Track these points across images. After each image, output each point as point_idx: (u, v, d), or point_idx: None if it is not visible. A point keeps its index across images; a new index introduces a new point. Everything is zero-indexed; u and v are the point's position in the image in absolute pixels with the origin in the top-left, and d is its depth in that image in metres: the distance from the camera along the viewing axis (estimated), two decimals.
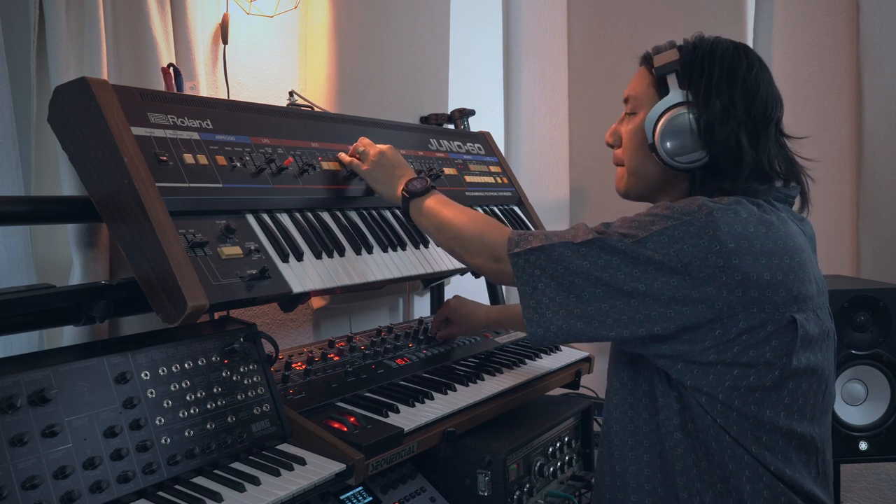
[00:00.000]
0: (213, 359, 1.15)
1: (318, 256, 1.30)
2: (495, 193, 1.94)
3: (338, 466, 1.10)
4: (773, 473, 1.07)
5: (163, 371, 1.08)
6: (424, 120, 2.28)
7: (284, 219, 1.31)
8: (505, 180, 2.02)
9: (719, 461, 1.09)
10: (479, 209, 1.83)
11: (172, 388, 1.08)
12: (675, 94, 1.18)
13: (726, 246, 1.03)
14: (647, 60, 1.25)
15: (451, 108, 2.36)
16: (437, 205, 1.32)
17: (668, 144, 1.17)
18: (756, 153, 1.14)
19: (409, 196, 1.35)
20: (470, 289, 2.19)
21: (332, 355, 1.53)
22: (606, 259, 1.08)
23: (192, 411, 1.08)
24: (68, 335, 1.31)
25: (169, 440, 1.04)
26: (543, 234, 1.16)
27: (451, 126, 2.27)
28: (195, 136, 1.23)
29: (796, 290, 1.06)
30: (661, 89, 1.20)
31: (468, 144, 1.99)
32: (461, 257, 1.30)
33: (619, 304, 1.07)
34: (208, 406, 1.11)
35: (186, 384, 1.10)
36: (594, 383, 2.28)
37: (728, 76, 1.16)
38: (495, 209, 1.92)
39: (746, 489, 1.07)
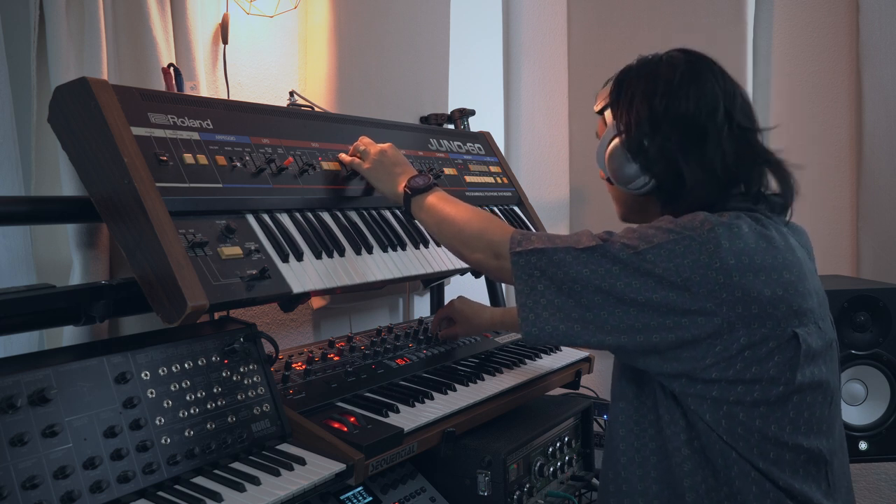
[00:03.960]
0: (213, 359, 1.15)
1: (318, 256, 1.30)
2: (495, 193, 1.94)
3: (338, 466, 1.10)
4: (781, 489, 1.06)
5: (163, 371, 1.08)
6: (424, 120, 2.28)
7: (284, 219, 1.31)
8: (505, 180, 2.02)
9: (726, 478, 1.08)
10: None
11: (172, 388, 1.08)
12: (610, 128, 1.22)
13: (727, 262, 1.02)
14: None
15: (451, 108, 2.35)
16: (440, 201, 1.33)
17: (616, 176, 1.21)
18: (701, 159, 1.11)
19: (410, 193, 1.35)
20: (470, 289, 2.18)
21: (332, 355, 1.53)
22: (607, 267, 1.07)
23: (192, 411, 1.08)
24: (68, 335, 1.31)
25: (169, 440, 1.04)
26: (547, 237, 1.15)
27: (451, 126, 2.27)
28: (195, 136, 1.23)
29: (797, 305, 1.05)
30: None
31: (468, 144, 1.99)
32: (462, 253, 1.30)
33: (617, 311, 1.07)
34: (208, 406, 1.11)
35: (186, 384, 1.10)
36: (594, 383, 2.28)
37: (646, 93, 1.15)
38: (495, 209, 1.92)
39: None
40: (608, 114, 1.23)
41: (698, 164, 1.12)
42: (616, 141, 1.19)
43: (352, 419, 1.24)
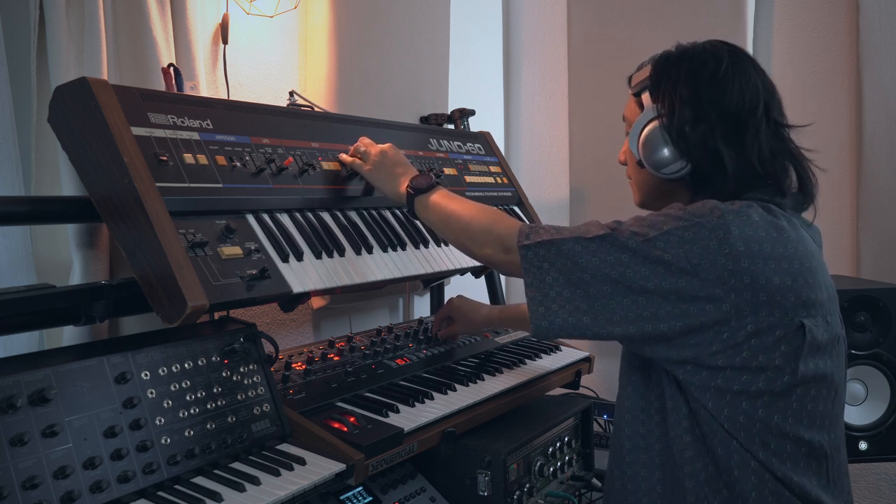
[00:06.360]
0: (213, 359, 1.15)
1: (318, 256, 1.30)
2: (495, 193, 1.94)
3: (338, 466, 1.10)
4: (779, 480, 1.06)
5: (163, 371, 1.08)
6: (424, 120, 2.28)
7: (284, 219, 1.31)
8: (505, 180, 2.02)
9: (726, 467, 1.09)
10: None
11: (172, 388, 1.08)
12: (648, 110, 1.20)
13: (736, 249, 1.03)
14: (629, 82, 1.27)
15: (451, 108, 2.36)
16: (444, 199, 1.33)
17: (650, 159, 1.19)
18: (741, 151, 1.12)
19: (414, 193, 1.35)
20: (470, 289, 2.18)
21: (332, 355, 1.53)
22: (616, 256, 1.08)
23: (192, 411, 1.08)
24: (68, 335, 1.31)
25: (169, 440, 1.04)
26: (555, 228, 1.16)
27: (451, 126, 2.27)
28: (195, 136, 1.23)
29: (805, 296, 1.06)
30: (642, 107, 1.23)
31: (468, 144, 1.99)
32: (470, 249, 1.29)
33: (626, 301, 1.07)
34: (208, 406, 1.11)
35: (186, 384, 1.10)
36: (594, 383, 2.28)
37: (692, 79, 1.15)
38: None
39: (752, 496, 1.07)
40: (646, 96, 1.21)
41: (738, 155, 1.12)
42: (654, 124, 1.18)
43: (352, 419, 1.24)
